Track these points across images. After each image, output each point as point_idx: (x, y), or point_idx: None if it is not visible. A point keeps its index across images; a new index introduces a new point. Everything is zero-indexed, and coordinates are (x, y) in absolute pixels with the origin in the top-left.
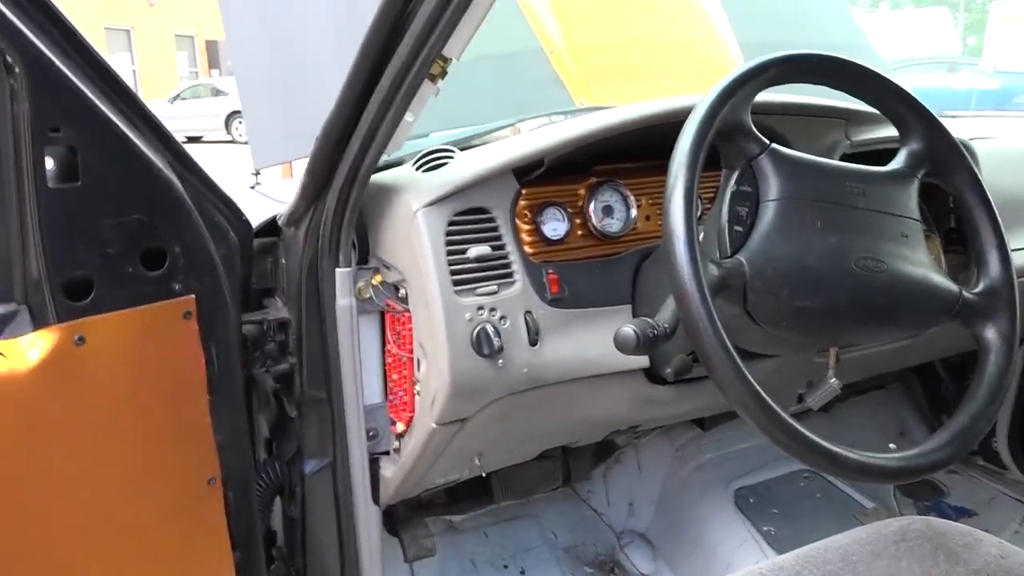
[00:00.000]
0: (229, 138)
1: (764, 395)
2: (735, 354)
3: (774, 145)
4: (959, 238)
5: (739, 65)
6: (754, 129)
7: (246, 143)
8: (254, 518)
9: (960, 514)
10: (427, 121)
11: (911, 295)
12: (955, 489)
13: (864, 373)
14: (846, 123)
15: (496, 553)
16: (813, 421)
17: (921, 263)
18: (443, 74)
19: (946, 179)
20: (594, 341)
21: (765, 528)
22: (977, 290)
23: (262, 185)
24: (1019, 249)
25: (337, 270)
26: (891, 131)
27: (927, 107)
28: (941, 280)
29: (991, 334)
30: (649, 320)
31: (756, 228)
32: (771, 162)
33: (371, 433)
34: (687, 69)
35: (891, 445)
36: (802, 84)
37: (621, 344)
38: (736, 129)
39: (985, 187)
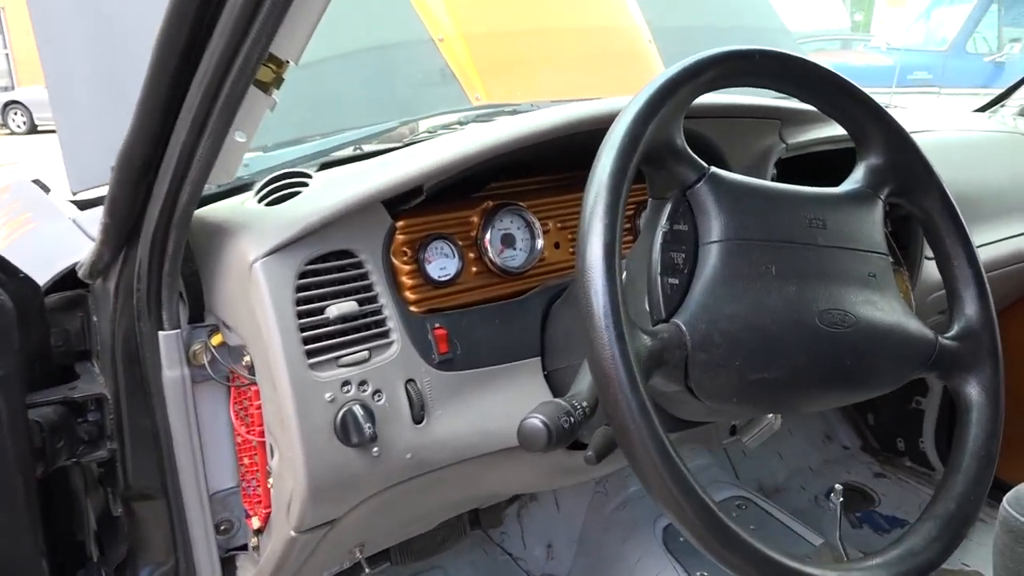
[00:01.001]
0: (7, 130)
1: (717, 510)
2: (681, 464)
3: (714, 169)
4: (898, 244)
5: (652, 54)
6: (688, 150)
7: (26, 133)
8: None
9: (892, 524)
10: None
11: (883, 350)
12: (885, 495)
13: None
14: (780, 124)
15: None
16: None
17: (892, 309)
18: (278, 81)
19: (913, 200)
20: (495, 409)
21: (698, 573)
22: (954, 334)
23: (84, 214)
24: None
25: (160, 334)
26: (828, 130)
27: (889, 113)
28: (916, 327)
29: (973, 390)
30: (562, 403)
31: (696, 280)
32: (711, 192)
33: (222, 526)
34: (594, 59)
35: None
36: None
37: (528, 442)
38: (666, 150)
39: (957, 208)
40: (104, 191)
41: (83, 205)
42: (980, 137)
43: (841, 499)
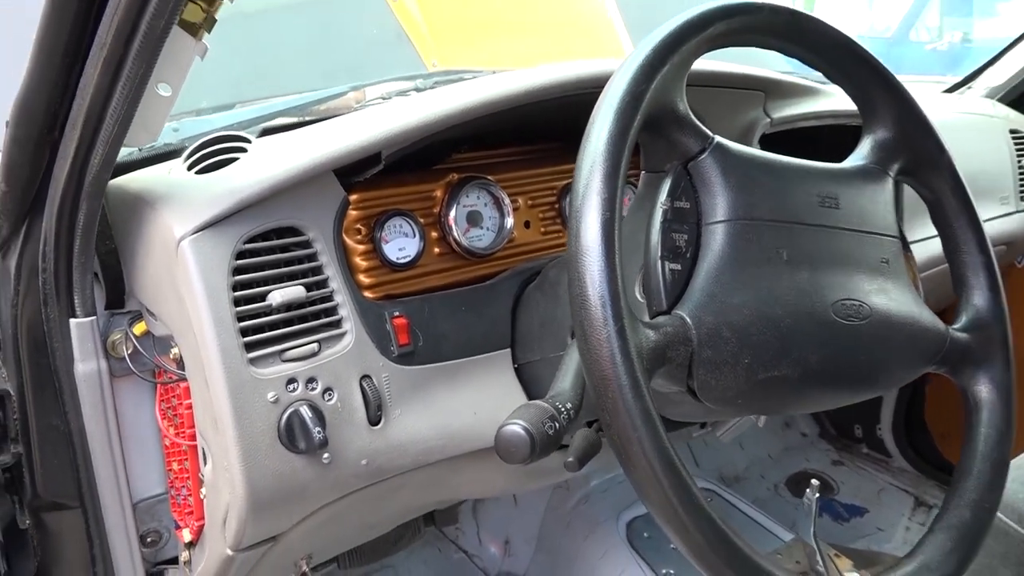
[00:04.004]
0: None
1: (727, 530)
2: (688, 478)
3: (719, 139)
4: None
5: (615, 20)
6: (692, 116)
7: None
8: None
9: (852, 512)
10: (220, 89)
11: (897, 344)
12: (844, 483)
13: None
14: (765, 96)
15: None
16: None
17: (906, 299)
18: (209, 23)
19: (922, 179)
20: (461, 407)
21: (664, 571)
22: (963, 325)
23: None
24: (923, 239)
25: (72, 321)
26: (814, 105)
27: (901, 84)
28: (928, 319)
29: (984, 387)
30: (544, 405)
31: (699, 265)
32: (717, 164)
33: (149, 538)
34: (555, 23)
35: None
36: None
37: (509, 453)
38: (669, 115)
39: (969, 192)
40: None
41: None
42: (951, 120)
43: (817, 495)
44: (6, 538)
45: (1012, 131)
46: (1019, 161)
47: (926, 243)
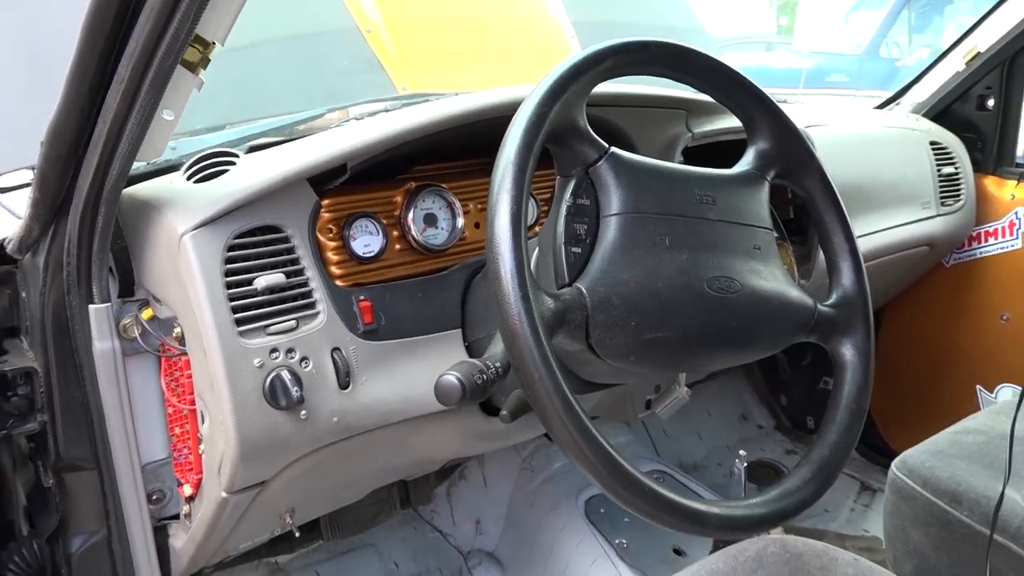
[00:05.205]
0: None
1: (614, 453)
2: (579, 409)
3: (614, 149)
4: (799, 228)
5: (574, 48)
6: (590, 131)
7: None
8: None
9: None
10: (218, 111)
11: (767, 315)
12: None
13: (711, 371)
14: (687, 114)
15: None
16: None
17: (775, 277)
18: (204, 62)
19: (797, 181)
20: (419, 376)
21: (617, 541)
22: (831, 302)
23: (16, 189)
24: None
25: (91, 307)
26: (734, 121)
27: (775, 102)
28: (796, 295)
29: (847, 351)
30: (476, 362)
31: (596, 249)
32: (611, 169)
33: (154, 496)
34: (518, 50)
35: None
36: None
37: (444, 396)
38: (570, 131)
39: (836, 190)
40: (20, 176)
41: None
42: (877, 133)
43: (745, 464)
44: (30, 499)
45: (932, 143)
46: (939, 170)
47: (870, 237)
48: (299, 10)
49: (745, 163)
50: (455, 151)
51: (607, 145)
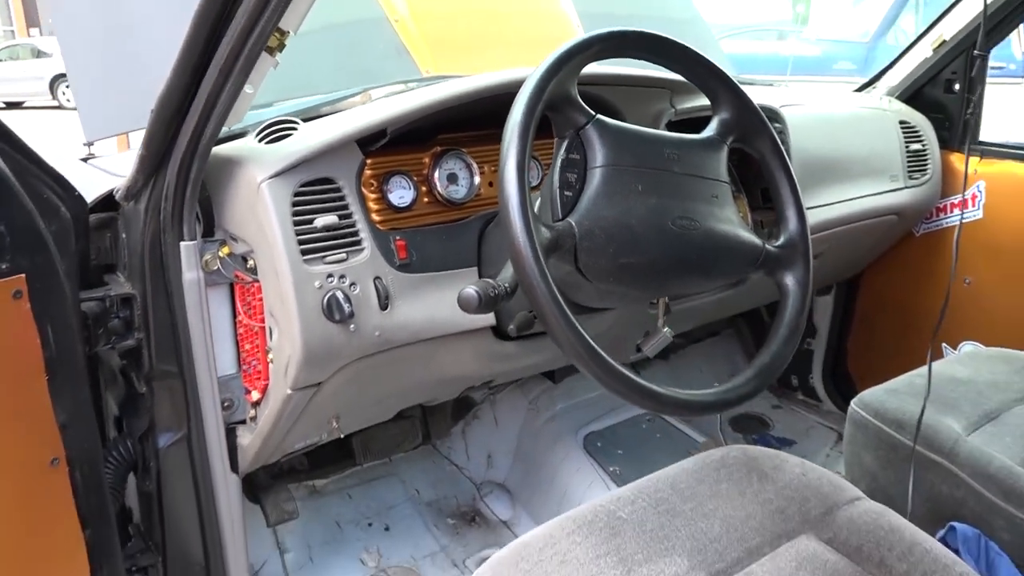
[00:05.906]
0: (55, 103)
1: (595, 345)
2: (566, 308)
3: (599, 116)
4: (732, 178)
5: (578, 31)
6: (580, 101)
7: (75, 109)
8: (104, 497)
9: (782, 444)
10: (270, 91)
11: (721, 249)
12: (779, 422)
13: (695, 322)
14: (671, 93)
15: (360, 513)
16: (655, 369)
17: (730, 221)
18: (281, 47)
19: (751, 145)
20: (442, 303)
21: (611, 468)
22: (778, 243)
23: (97, 158)
24: (825, 205)
25: (181, 244)
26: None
27: (735, 80)
28: (747, 235)
29: (789, 281)
30: (491, 281)
31: (584, 193)
32: (596, 132)
33: (226, 403)
34: (530, 39)
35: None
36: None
37: (464, 304)
38: (564, 101)
39: (784, 152)
40: (112, 141)
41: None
42: (850, 113)
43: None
44: (125, 405)
45: (902, 122)
46: (907, 146)
47: (842, 204)
48: (336, 2)
49: (709, 130)
50: (473, 121)
51: (594, 112)
